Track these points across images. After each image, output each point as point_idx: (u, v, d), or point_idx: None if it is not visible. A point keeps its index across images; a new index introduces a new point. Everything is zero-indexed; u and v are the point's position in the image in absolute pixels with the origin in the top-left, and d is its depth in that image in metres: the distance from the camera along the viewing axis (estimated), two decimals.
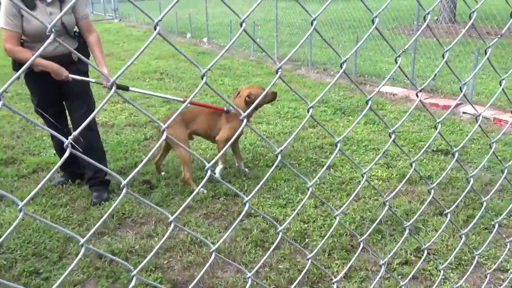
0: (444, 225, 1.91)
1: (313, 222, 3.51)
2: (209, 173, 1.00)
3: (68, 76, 3.53)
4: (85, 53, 3.74)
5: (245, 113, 1.04)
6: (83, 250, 0.80)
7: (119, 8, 20.98)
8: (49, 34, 0.73)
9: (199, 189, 1.11)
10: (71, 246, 3.27)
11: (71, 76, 3.55)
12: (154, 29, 0.79)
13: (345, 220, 3.51)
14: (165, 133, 0.88)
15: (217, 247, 1.07)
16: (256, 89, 4.14)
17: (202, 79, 0.88)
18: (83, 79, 3.63)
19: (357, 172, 4.32)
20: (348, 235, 3.29)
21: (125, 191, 0.80)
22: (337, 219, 1.22)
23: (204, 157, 4.76)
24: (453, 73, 1.48)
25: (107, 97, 0.82)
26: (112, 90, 0.77)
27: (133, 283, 0.97)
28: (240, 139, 4.93)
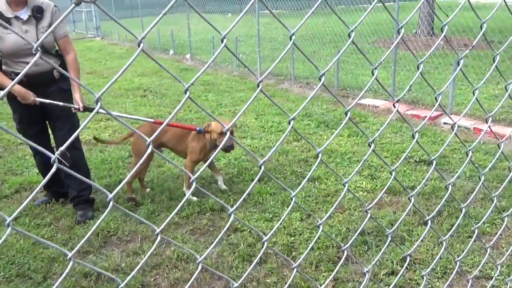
0: (425, 232, 1.95)
1: (300, 235, 3.53)
2: (195, 184, 1.01)
3: (35, 100, 3.49)
4: (67, 71, 3.73)
5: (228, 125, 1.06)
6: (71, 264, 0.81)
7: (101, 26, 20.97)
8: (34, 52, 0.75)
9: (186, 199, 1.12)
10: (55, 266, 3.23)
11: (38, 99, 3.50)
12: (138, 46, 0.82)
13: (331, 232, 3.53)
14: (151, 146, 0.90)
15: (203, 258, 1.08)
16: (222, 122, 4.13)
17: (185, 94, 0.90)
18: (51, 102, 3.53)
19: (342, 184, 4.36)
20: (334, 247, 3.31)
21: (111, 204, 0.81)
22: (320, 228, 1.25)
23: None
24: (428, 83, 1.53)
25: (91, 115, 0.83)
26: (98, 105, 0.79)
27: None
28: (225, 155, 4.94)
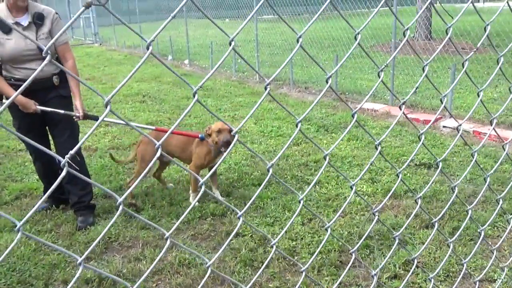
0: (432, 235, 1.94)
1: (301, 239, 3.52)
2: (203, 188, 1.01)
3: (36, 109, 3.51)
4: (66, 78, 3.73)
5: (236, 128, 1.06)
6: (81, 268, 0.80)
7: (99, 32, 21.00)
8: (44, 55, 0.75)
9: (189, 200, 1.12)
10: (57, 272, 3.21)
11: (39, 108, 3.52)
12: (147, 48, 0.82)
13: (333, 235, 3.52)
14: (160, 149, 0.90)
15: (212, 262, 1.07)
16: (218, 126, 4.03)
17: (194, 97, 0.90)
18: (52, 110, 3.55)
19: (343, 188, 4.36)
20: (336, 251, 3.30)
21: (121, 208, 0.80)
22: (328, 231, 1.24)
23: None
24: (434, 86, 1.53)
25: (102, 116, 0.83)
26: (107, 108, 0.78)
27: None
28: (225, 160, 4.94)
